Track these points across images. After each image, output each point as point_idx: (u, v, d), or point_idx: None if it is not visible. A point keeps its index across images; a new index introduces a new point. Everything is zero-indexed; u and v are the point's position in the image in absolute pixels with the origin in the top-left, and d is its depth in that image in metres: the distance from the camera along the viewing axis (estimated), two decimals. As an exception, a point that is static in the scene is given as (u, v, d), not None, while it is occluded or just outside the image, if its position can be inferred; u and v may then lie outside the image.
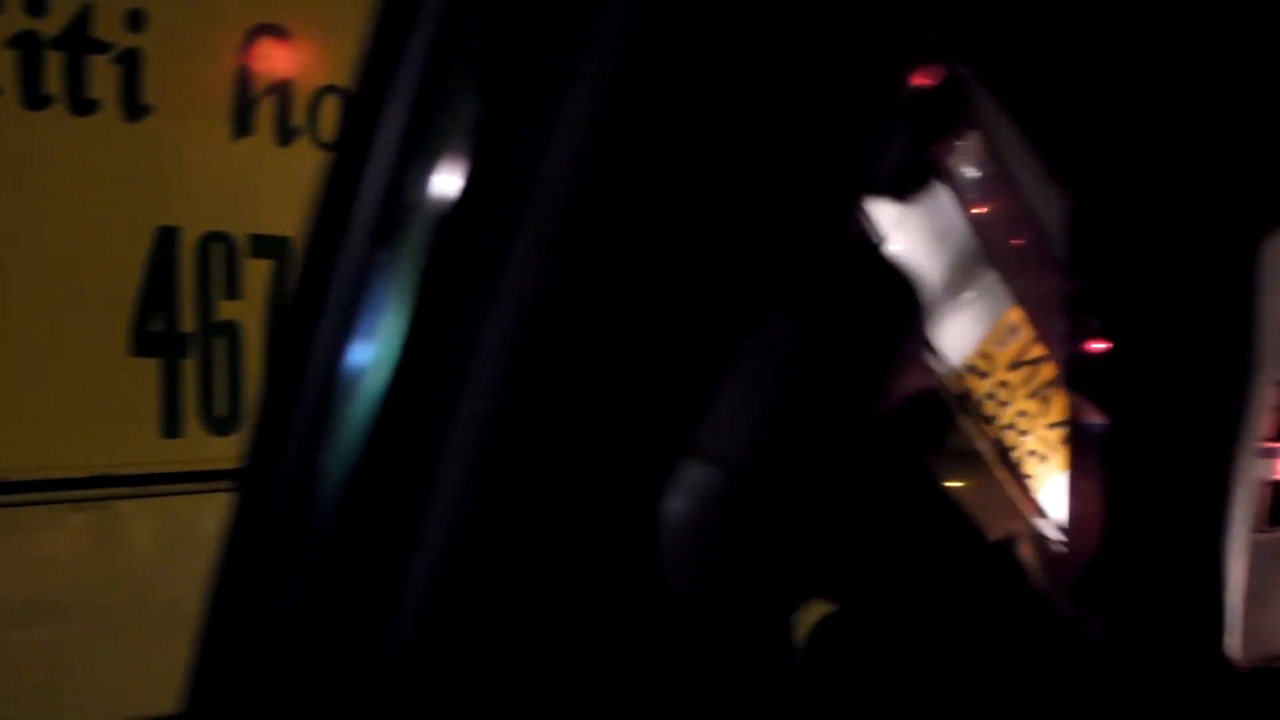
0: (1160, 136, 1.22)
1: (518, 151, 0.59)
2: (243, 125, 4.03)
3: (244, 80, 4.05)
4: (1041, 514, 1.83)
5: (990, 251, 1.62)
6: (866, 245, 0.56)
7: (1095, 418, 1.56)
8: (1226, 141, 1.22)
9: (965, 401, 2.05)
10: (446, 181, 0.69)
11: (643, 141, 0.55)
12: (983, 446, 2.13)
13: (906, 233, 1.98)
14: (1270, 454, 2.65)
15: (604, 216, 0.56)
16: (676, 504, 0.54)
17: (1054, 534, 1.72)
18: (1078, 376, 1.63)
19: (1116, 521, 1.51)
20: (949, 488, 0.63)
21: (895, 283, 0.54)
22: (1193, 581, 1.52)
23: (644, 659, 0.54)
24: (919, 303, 0.54)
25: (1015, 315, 1.70)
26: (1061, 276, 1.43)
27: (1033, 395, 1.79)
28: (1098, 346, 1.44)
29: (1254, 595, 1.86)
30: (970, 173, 1.58)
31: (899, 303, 0.52)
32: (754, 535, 0.53)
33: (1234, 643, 1.75)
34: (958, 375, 2.04)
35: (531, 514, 0.57)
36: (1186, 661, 1.37)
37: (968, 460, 2.24)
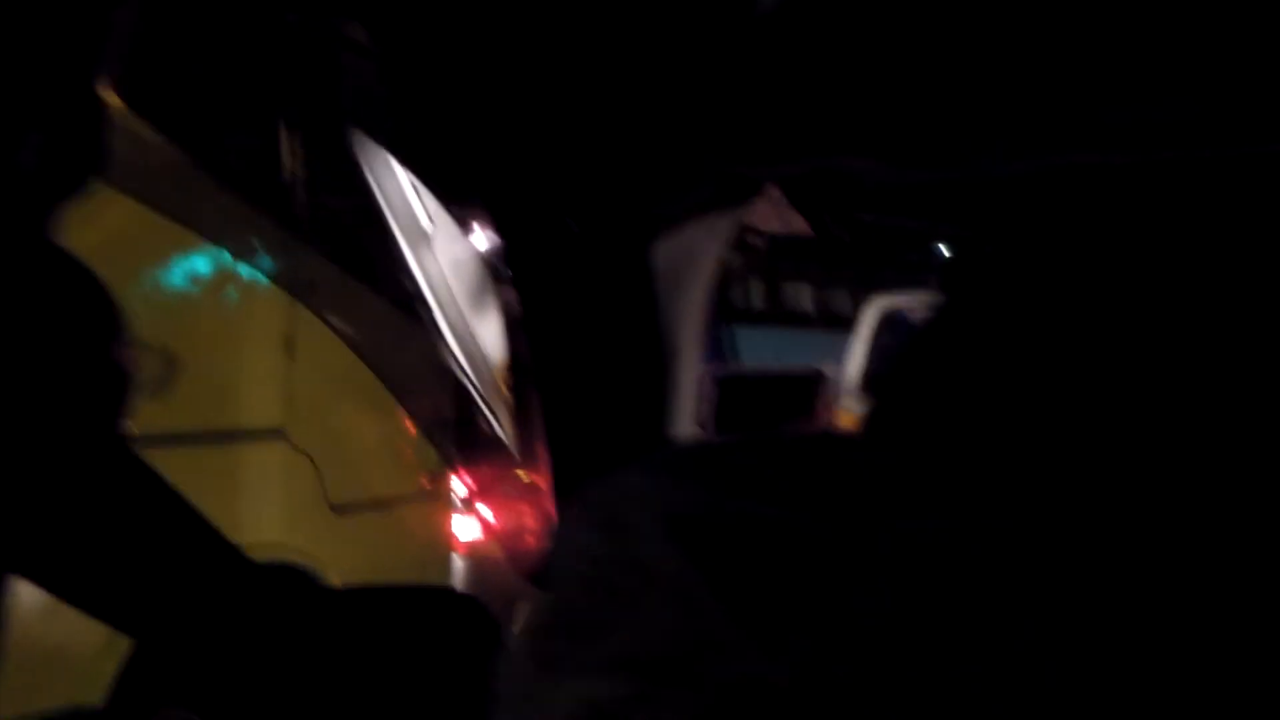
0: (552, 145, 1.31)
1: None
2: None
3: None
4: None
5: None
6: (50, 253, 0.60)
7: (540, 418, 1.72)
8: (615, 144, 1.30)
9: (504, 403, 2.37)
10: None
11: None
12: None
13: (438, 243, 2.35)
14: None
15: None
16: None
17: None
18: (518, 378, 1.81)
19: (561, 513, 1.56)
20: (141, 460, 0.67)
21: (76, 285, 0.57)
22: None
23: None
24: (104, 307, 0.58)
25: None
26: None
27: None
28: (527, 350, 1.61)
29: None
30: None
31: (83, 303, 0.57)
32: None
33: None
34: (500, 377, 2.38)
35: None
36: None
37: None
